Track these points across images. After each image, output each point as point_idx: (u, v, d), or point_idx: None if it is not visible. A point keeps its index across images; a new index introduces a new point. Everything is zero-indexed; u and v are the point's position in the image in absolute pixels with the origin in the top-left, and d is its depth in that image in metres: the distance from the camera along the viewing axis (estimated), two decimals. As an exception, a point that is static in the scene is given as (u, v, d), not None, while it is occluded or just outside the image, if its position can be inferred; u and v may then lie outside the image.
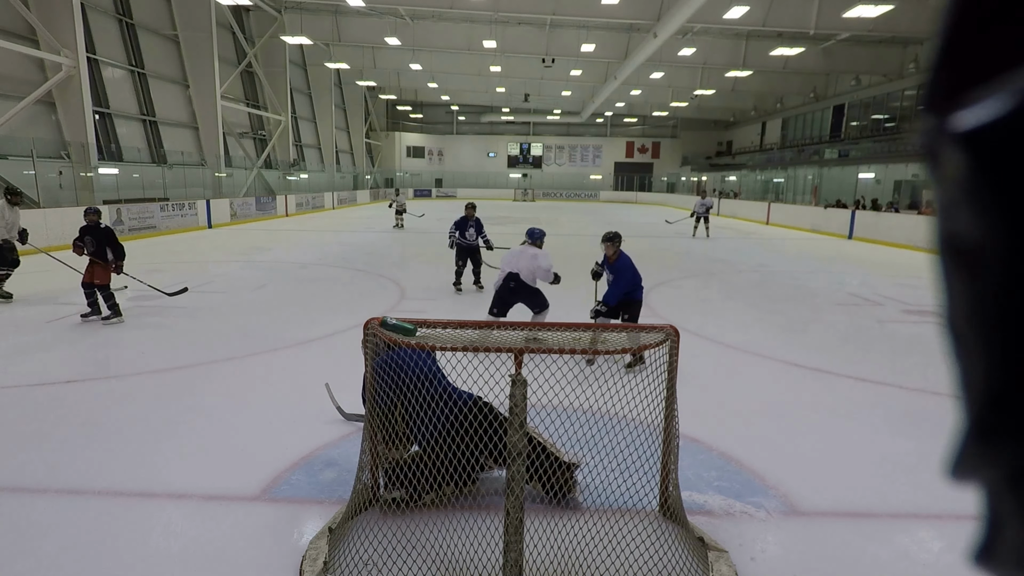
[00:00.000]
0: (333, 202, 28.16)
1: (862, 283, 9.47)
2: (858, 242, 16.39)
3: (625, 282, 5.09)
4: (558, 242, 15.01)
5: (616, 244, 5.19)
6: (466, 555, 2.47)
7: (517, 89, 33.62)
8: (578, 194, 42.77)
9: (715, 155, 42.61)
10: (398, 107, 43.70)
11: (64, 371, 4.75)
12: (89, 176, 14.07)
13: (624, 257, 5.21)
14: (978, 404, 0.28)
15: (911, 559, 2.57)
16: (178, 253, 11.93)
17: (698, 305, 7.72)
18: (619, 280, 5.10)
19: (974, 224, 0.26)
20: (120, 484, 3.04)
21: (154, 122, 18.49)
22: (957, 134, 0.25)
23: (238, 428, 3.74)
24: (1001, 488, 0.28)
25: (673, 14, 16.68)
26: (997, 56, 0.25)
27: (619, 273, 5.12)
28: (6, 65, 13.00)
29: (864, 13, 16.12)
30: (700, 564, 2.44)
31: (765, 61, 23.23)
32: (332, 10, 22.89)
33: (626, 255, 5.24)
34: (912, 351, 5.64)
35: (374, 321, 2.70)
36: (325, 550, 2.44)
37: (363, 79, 32.54)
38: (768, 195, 28.94)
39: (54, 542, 2.56)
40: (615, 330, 2.90)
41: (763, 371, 5.04)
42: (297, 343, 5.60)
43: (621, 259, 5.19)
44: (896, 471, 3.29)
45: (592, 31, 22.63)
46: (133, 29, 17.76)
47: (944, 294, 0.29)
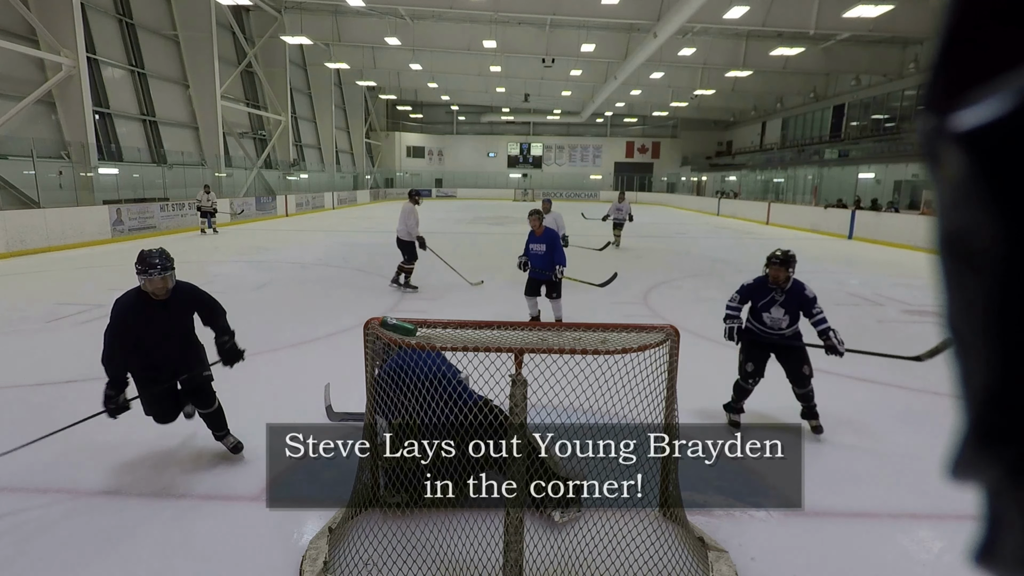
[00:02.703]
0: (333, 202, 28.16)
1: (862, 283, 9.47)
2: (858, 242, 16.39)
3: (558, 246, 5.94)
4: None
5: (540, 218, 6.00)
6: (466, 555, 2.47)
7: (517, 89, 33.61)
8: (578, 194, 42.75)
9: (715, 155, 42.58)
10: (398, 107, 43.69)
11: (64, 371, 4.74)
12: (89, 176, 14.07)
13: (550, 229, 6.07)
14: (978, 404, 0.28)
15: (911, 559, 2.57)
16: (178, 253, 11.89)
17: (698, 305, 7.72)
18: (553, 246, 5.92)
19: (974, 224, 0.26)
20: (120, 484, 3.04)
21: (154, 122, 18.48)
22: (957, 134, 0.25)
23: (238, 428, 3.73)
24: (1001, 488, 0.28)
25: (673, 14, 16.67)
26: (997, 56, 0.25)
27: (550, 240, 5.94)
28: (6, 65, 13.00)
29: (864, 13, 16.12)
30: (700, 564, 2.44)
31: (765, 61, 23.22)
32: (332, 10, 22.88)
33: (552, 228, 6.19)
34: (912, 351, 5.62)
35: (374, 321, 2.70)
36: (325, 550, 2.44)
37: (363, 79, 32.54)
38: (768, 195, 28.94)
39: (54, 542, 2.56)
40: (616, 330, 2.90)
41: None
42: (297, 343, 5.60)
43: (547, 231, 6.01)
44: (896, 471, 3.29)
45: (592, 31, 22.62)
46: (133, 29, 17.76)
47: (944, 294, 0.29)
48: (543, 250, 5.88)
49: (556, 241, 5.93)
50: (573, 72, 27.50)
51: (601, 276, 7.66)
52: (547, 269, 5.88)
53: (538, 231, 5.94)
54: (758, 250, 14.01)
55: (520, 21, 22.64)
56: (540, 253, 5.91)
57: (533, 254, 5.98)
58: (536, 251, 5.95)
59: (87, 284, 8.34)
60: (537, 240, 5.96)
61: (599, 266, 9.71)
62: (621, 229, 13.73)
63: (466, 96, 38.47)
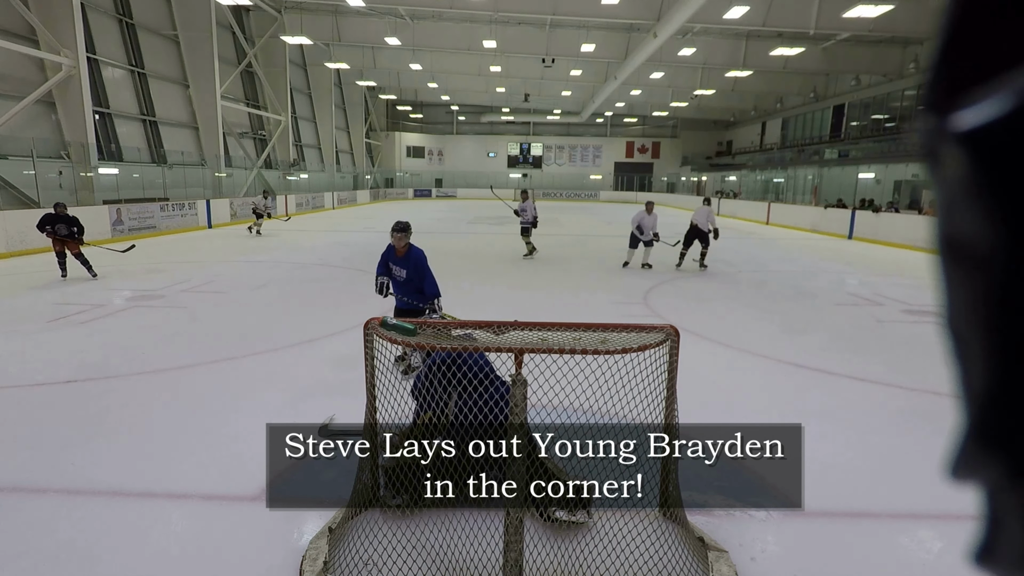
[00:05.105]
0: (333, 202, 28.17)
1: (862, 283, 9.47)
2: (858, 242, 16.39)
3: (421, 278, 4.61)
4: (558, 242, 15.00)
5: (404, 236, 4.65)
6: (466, 555, 2.47)
7: (517, 89, 33.61)
8: (578, 194, 42.78)
9: (715, 155, 42.59)
10: (398, 107, 43.70)
11: (64, 371, 4.74)
12: (89, 176, 14.07)
13: (416, 249, 4.72)
14: (978, 404, 0.28)
15: (911, 559, 2.57)
16: (178, 253, 11.93)
17: (698, 305, 7.72)
18: (416, 274, 4.63)
19: (974, 224, 0.25)
20: (120, 484, 3.04)
21: (154, 122, 18.49)
22: (957, 134, 0.25)
23: (238, 428, 3.73)
24: (1001, 488, 0.28)
25: (673, 14, 16.68)
26: (997, 56, 0.25)
27: (413, 265, 4.64)
28: (6, 65, 13.00)
29: (864, 13, 16.12)
30: (700, 564, 2.44)
31: (765, 61, 23.22)
32: (332, 10, 22.89)
33: (418, 248, 4.76)
34: (912, 351, 5.64)
35: (374, 321, 2.70)
36: (325, 550, 2.44)
37: (363, 79, 32.54)
38: (768, 195, 28.94)
39: (54, 542, 2.56)
40: (616, 330, 2.90)
41: (763, 371, 5.04)
42: (297, 343, 5.60)
43: (412, 251, 4.69)
44: (896, 471, 3.29)
45: (592, 31, 22.62)
46: (133, 29, 17.76)
47: (944, 294, 0.29)
48: (404, 276, 4.68)
49: (423, 266, 4.65)
50: (573, 72, 27.50)
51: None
52: (415, 301, 4.66)
53: (399, 251, 4.69)
54: (759, 250, 14.00)
55: (520, 21, 22.64)
56: (401, 279, 4.71)
57: (395, 279, 4.78)
58: (397, 276, 4.74)
59: (87, 284, 8.34)
60: (398, 262, 4.72)
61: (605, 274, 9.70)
62: (529, 235, 11.42)
63: (466, 96, 38.47)
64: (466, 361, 2.90)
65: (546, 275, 9.69)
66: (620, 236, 14.17)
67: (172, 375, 4.70)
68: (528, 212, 11.27)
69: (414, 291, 4.65)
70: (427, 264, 4.67)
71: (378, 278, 4.78)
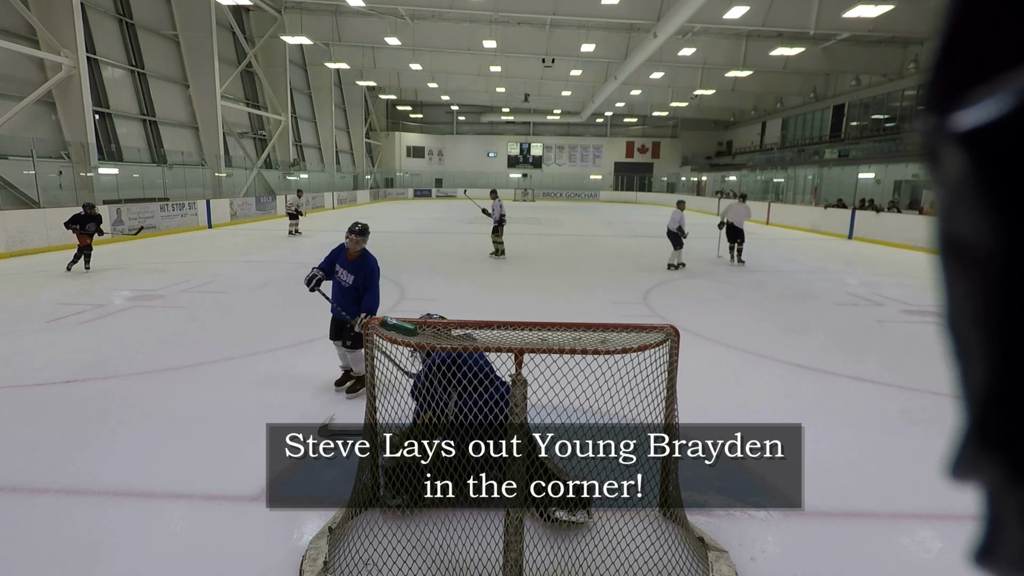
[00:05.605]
0: (333, 202, 28.17)
1: (862, 283, 9.47)
2: (858, 242, 16.39)
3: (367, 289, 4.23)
4: (559, 242, 15.01)
5: (359, 240, 4.28)
6: (466, 555, 2.47)
7: (517, 89, 33.60)
8: (578, 194, 42.76)
9: (715, 155, 42.59)
10: (398, 107, 43.69)
11: (64, 371, 4.74)
12: (89, 176, 14.07)
13: (371, 258, 4.34)
14: (978, 404, 0.28)
15: (911, 559, 2.57)
16: (178, 253, 11.93)
17: (698, 305, 7.72)
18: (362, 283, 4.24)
19: (975, 224, 0.25)
20: (120, 484, 3.04)
21: (154, 122, 18.48)
22: (957, 134, 0.25)
23: (238, 428, 3.73)
24: (1001, 488, 0.28)
25: (673, 14, 16.68)
26: (997, 56, 0.25)
27: (363, 273, 4.24)
28: (6, 65, 13.00)
29: (864, 13, 16.12)
30: (700, 564, 2.44)
31: (765, 61, 23.22)
32: (332, 10, 22.88)
33: (373, 257, 4.36)
34: (912, 351, 5.64)
35: (374, 321, 2.70)
36: (325, 550, 2.44)
37: (363, 79, 32.53)
38: (768, 195, 28.94)
39: (54, 542, 2.56)
40: (616, 330, 2.90)
41: (763, 371, 5.04)
42: (297, 343, 5.60)
43: (367, 259, 4.32)
44: (896, 471, 3.29)
45: (592, 31, 22.62)
46: (133, 29, 17.76)
47: (944, 294, 0.29)
48: (350, 283, 4.26)
49: (374, 278, 4.26)
50: (573, 72, 27.50)
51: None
52: (349, 312, 4.24)
53: (352, 254, 4.30)
54: (759, 250, 14.00)
55: (520, 21, 22.64)
56: (346, 285, 4.28)
57: (338, 282, 4.35)
58: (342, 280, 4.31)
59: (87, 284, 8.34)
60: (347, 266, 4.30)
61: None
62: (499, 235, 11.37)
63: (466, 96, 38.47)
64: (466, 361, 2.90)
65: (546, 275, 9.69)
66: (620, 236, 14.17)
67: (172, 375, 4.70)
68: (495, 211, 11.33)
69: (352, 301, 4.24)
70: (378, 278, 4.28)
71: (314, 269, 4.36)
